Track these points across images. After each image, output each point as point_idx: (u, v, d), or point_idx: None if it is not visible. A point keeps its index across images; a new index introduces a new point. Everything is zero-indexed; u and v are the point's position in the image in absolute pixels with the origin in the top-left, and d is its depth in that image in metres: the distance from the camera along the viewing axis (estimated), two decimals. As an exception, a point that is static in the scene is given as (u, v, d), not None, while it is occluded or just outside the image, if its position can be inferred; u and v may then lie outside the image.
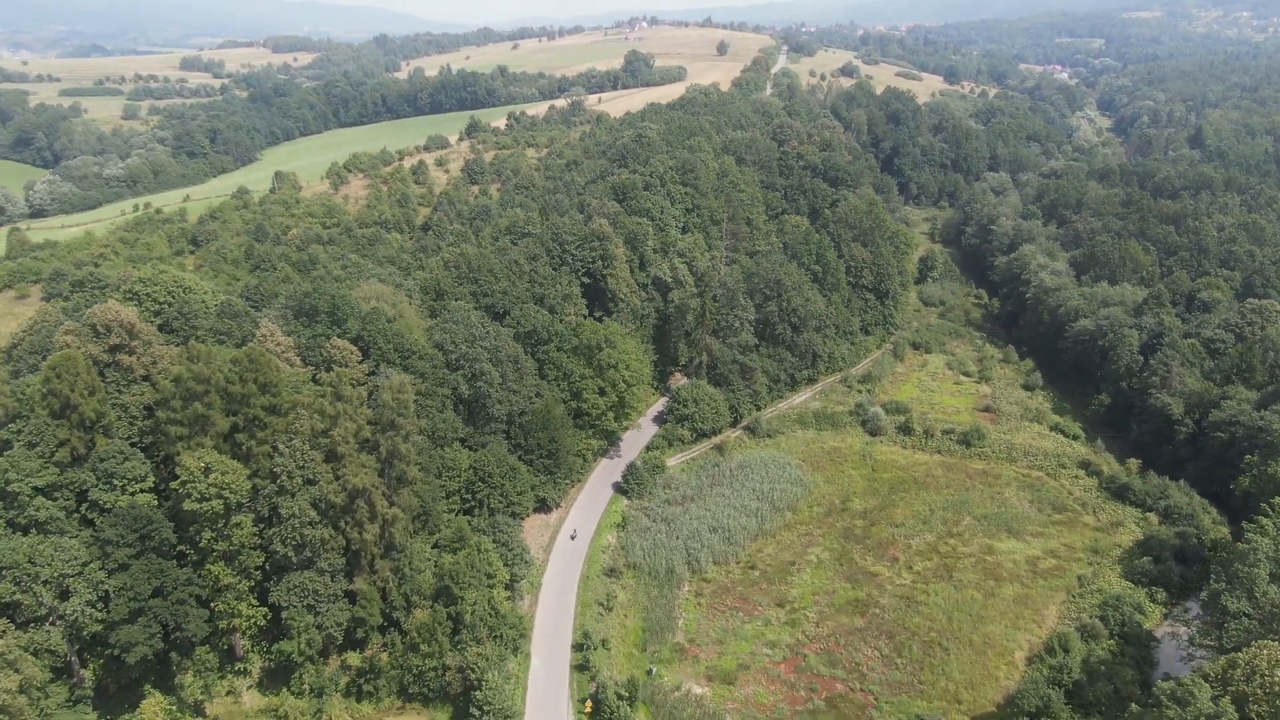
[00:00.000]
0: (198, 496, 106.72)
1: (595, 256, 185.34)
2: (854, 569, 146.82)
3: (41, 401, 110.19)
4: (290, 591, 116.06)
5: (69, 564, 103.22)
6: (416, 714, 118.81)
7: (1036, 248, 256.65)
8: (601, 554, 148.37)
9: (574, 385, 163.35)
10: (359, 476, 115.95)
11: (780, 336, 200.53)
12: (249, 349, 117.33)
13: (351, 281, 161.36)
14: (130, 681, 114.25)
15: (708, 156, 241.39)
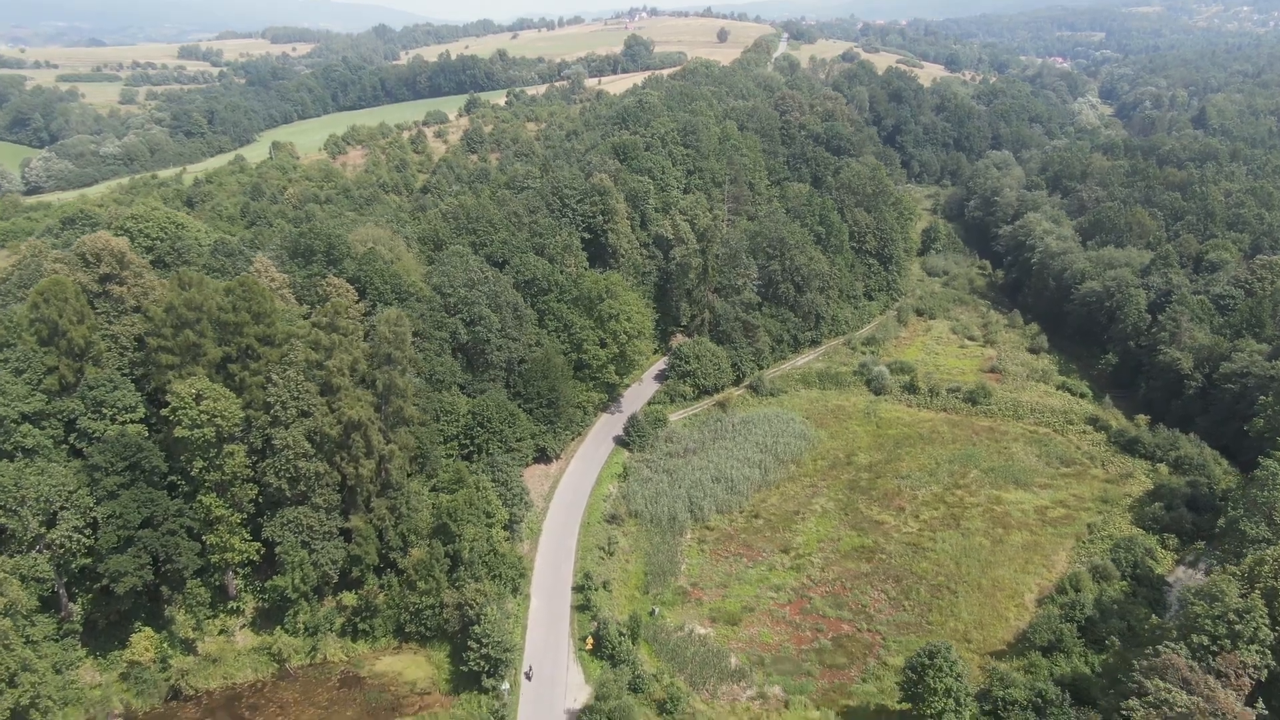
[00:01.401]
0: (189, 423, 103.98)
1: (596, 211, 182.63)
2: (859, 518, 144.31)
3: (29, 327, 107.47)
4: (284, 526, 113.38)
5: (56, 490, 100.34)
6: (413, 653, 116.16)
7: (1041, 215, 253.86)
8: (602, 502, 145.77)
9: (574, 337, 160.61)
10: (355, 409, 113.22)
11: (783, 296, 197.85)
12: (243, 278, 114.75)
13: (348, 229, 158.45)
14: (120, 617, 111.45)
15: (709, 121, 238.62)
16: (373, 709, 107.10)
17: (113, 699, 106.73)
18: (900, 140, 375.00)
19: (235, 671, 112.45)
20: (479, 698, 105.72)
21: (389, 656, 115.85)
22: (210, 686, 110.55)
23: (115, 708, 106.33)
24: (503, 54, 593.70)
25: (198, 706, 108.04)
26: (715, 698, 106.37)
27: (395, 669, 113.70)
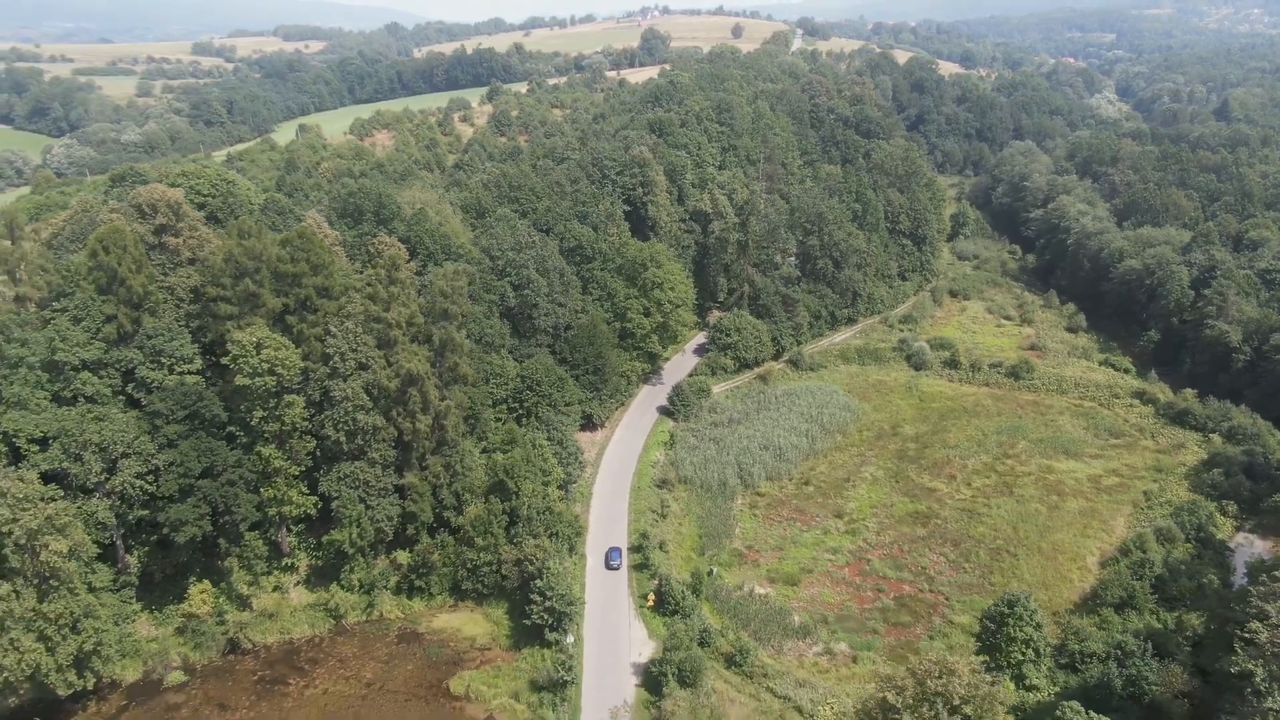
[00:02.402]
0: (249, 371, 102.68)
1: (636, 183, 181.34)
2: (911, 485, 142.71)
3: (88, 276, 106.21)
4: (340, 481, 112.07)
5: (118, 435, 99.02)
6: (470, 611, 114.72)
7: (1074, 198, 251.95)
8: (651, 468, 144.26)
9: (618, 306, 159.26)
10: (413, 362, 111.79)
11: (821, 272, 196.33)
12: (300, 228, 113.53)
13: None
14: (175, 570, 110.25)
15: (742, 100, 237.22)
16: (434, 663, 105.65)
17: (170, 651, 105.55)
18: (923, 130, 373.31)
19: (292, 627, 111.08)
20: (542, 652, 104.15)
21: (445, 614, 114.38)
22: (268, 641, 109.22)
23: (173, 660, 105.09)
24: (519, 47, 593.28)
25: (256, 660, 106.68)
26: (781, 653, 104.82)
27: (453, 625, 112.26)
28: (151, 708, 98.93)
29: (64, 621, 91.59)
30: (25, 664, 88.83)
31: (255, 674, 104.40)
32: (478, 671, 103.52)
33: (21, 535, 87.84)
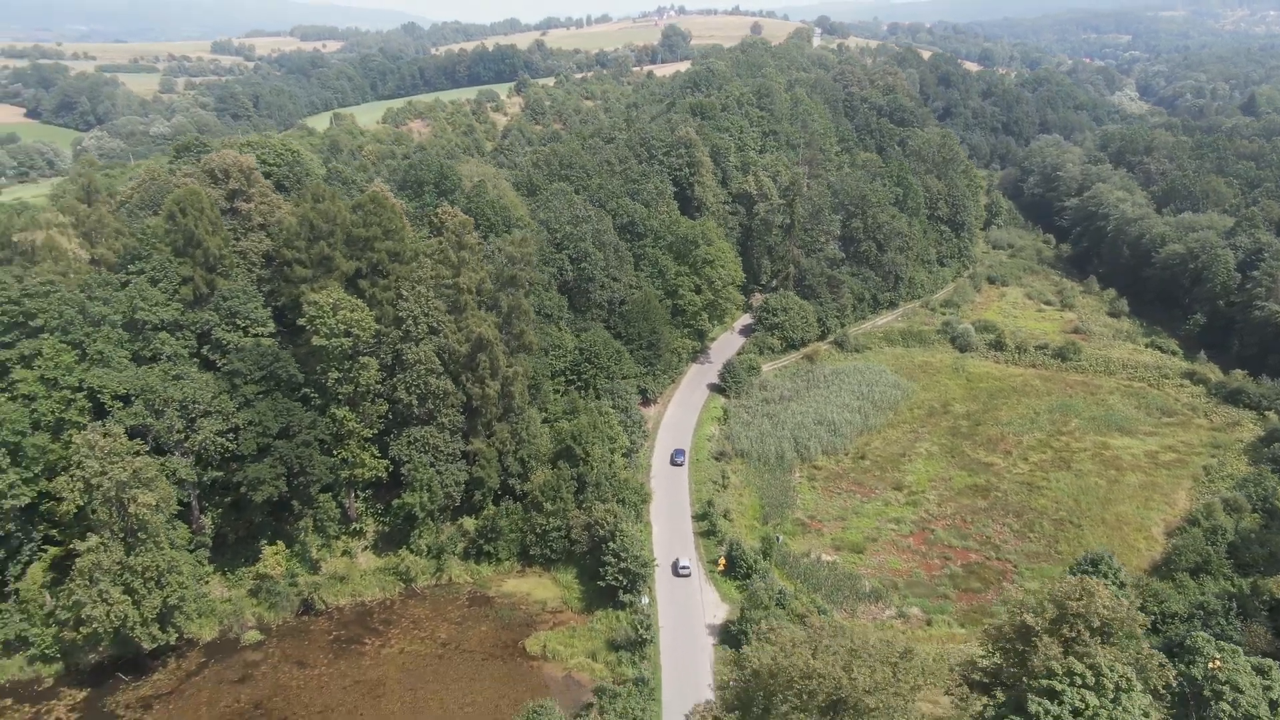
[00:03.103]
0: (326, 332, 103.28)
1: (683, 163, 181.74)
2: (967, 460, 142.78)
3: (165, 238, 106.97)
4: (410, 445, 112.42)
5: (199, 393, 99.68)
6: (538, 576, 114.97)
7: (1111, 186, 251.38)
8: (707, 442, 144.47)
9: (669, 283, 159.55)
10: (482, 327, 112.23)
11: (865, 254, 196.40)
12: (372, 193, 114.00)
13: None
14: (247, 532, 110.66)
15: (779, 86, 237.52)
16: (506, 624, 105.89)
17: (245, 611, 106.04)
18: (950, 123, 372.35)
19: (363, 589, 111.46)
20: (615, 614, 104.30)
21: (514, 579, 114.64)
22: (339, 603, 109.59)
23: (248, 620, 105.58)
24: (540, 44, 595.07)
25: (329, 620, 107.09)
26: (855, 615, 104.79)
27: (522, 590, 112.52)
28: (231, 664, 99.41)
29: (150, 575, 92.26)
30: (114, 615, 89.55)
31: (330, 634, 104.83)
32: (552, 632, 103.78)
33: (111, 488, 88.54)
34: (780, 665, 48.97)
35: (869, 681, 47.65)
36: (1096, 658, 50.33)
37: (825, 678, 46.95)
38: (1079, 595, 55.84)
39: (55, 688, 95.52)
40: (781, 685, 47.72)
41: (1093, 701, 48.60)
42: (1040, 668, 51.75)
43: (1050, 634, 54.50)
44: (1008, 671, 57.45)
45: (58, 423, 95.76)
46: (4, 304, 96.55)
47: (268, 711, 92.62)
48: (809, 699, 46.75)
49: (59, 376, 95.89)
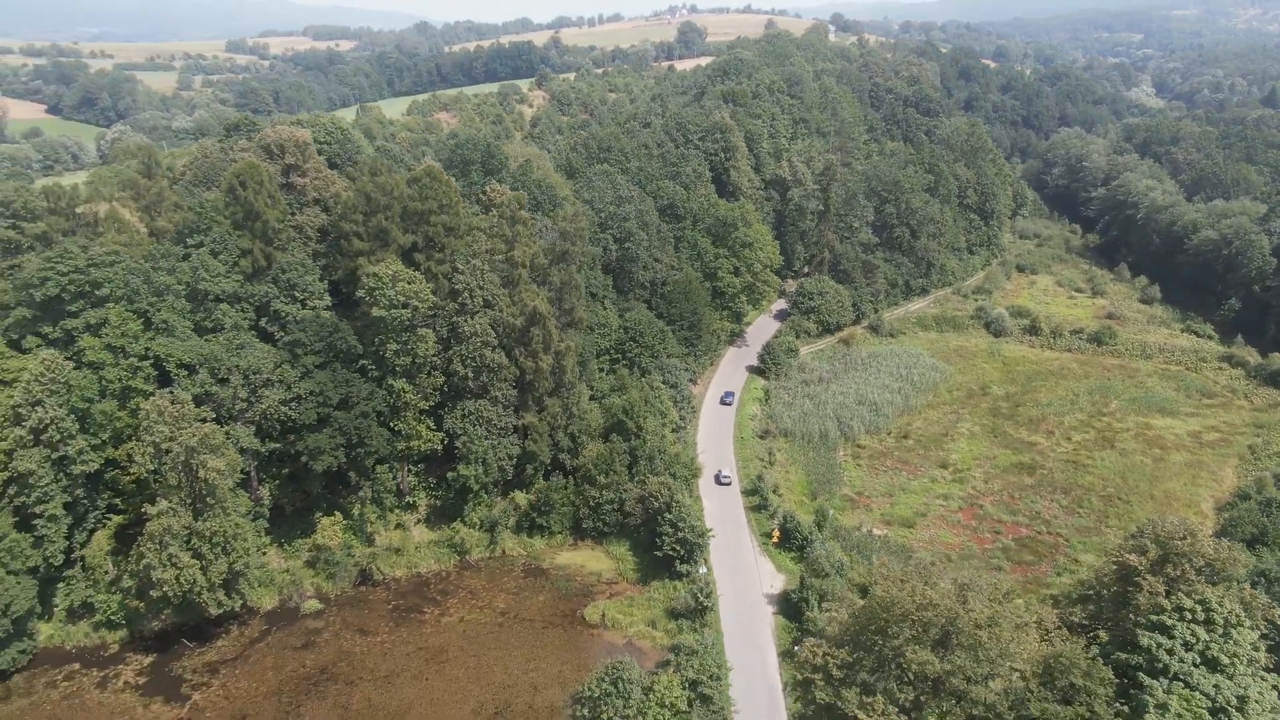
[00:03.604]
0: (386, 304, 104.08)
1: (718, 148, 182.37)
2: (1010, 439, 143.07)
3: (225, 210, 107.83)
4: (465, 418, 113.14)
5: (261, 362, 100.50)
6: (590, 549, 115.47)
7: (1140, 174, 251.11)
8: (750, 421, 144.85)
9: (708, 265, 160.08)
10: (536, 300, 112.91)
11: (898, 240, 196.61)
12: (428, 167, 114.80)
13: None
14: (304, 504, 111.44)
15: (808, 75, 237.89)
16: (563, 595, 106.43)
17: (304, 581, 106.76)
18: (971, 116, 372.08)
19: (418, 561, 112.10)
20: (673, 584, 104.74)
21: (566, 552, 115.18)
22: (396, 574, 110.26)
23: (307, 589, 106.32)
24: (556, 41, 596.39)
25: (387, 590, 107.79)
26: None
27: (576, 562, 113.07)
28: (293, 631, 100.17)
29: (217, 541, 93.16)
30: (183, 580, 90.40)
31: (389, 603, 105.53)
32: (610, 601, 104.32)
33: (180, 453, 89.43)
34: (895, 597, 49.44)
35: (982, 614, 48.09)
36: (1205, 594, 50.79)
37: (940, 608, 47.40)
38: (1183, 535, 56.22)
39: (121, 653, 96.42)
40: (896, 618, 48.20)
41: (1203, 636, 48.95)
42: (1146, 605, 52.13)
43: (1154, 574, 54.89)
44: (1108, 614, 57.87)
45: (124, 390, 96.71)
46: (71, 273, 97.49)
47: (333, 676, 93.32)
48: (924, 630, 47.20)
49: (125, 344, 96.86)
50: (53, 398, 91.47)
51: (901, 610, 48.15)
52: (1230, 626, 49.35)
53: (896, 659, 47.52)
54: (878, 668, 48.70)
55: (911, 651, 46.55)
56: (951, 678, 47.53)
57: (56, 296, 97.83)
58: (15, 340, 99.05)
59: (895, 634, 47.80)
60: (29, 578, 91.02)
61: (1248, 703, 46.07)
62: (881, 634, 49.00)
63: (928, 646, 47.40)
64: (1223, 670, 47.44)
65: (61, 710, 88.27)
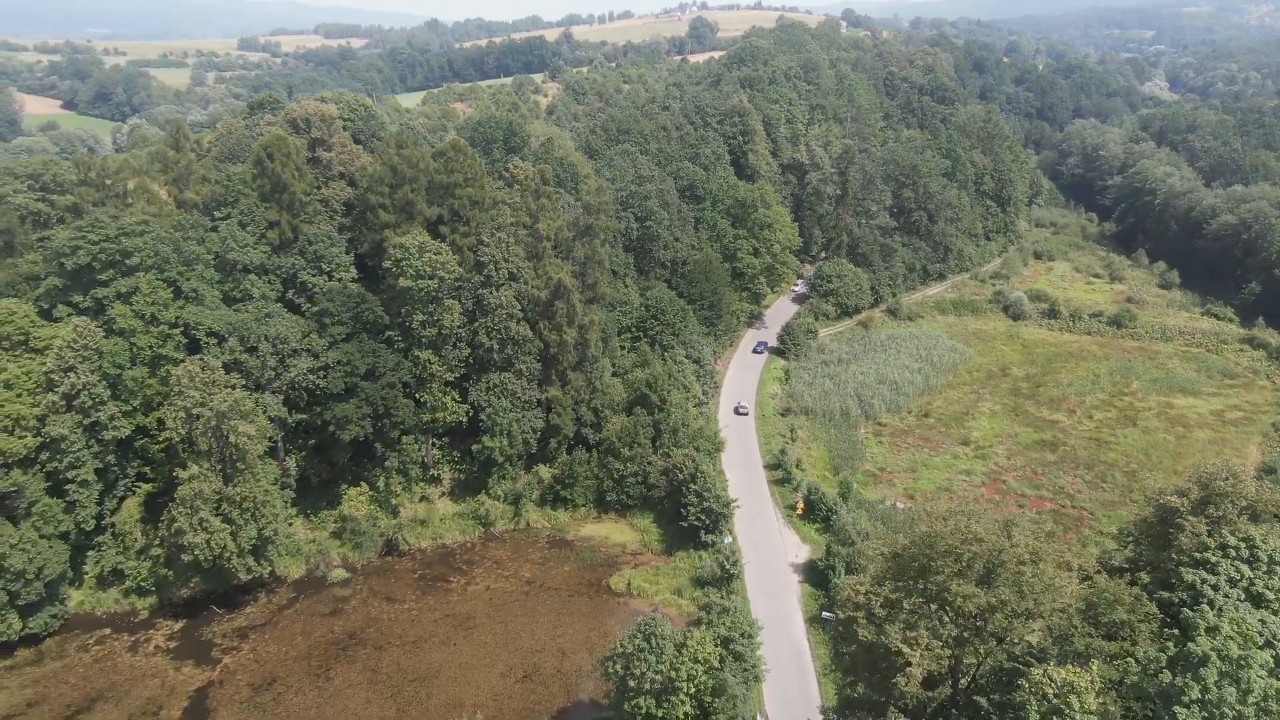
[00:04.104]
0: (413, 274, 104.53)
1: (736, 131, 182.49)
2: (1031, 418, 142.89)
3: (252, 183, 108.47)
4: (489, 391, 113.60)
5: (290, 331, 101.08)
6: (614, 521, 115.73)
7: (1157, 161, 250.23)
8: (770, 399, 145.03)
9: (727, 246, 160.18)
10: (561, 273, 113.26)
11: (916, 224, 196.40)
12: (453, 140, 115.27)
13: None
14: (330, 475, 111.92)
15: (824, 62, 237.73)
16: (588, 565, 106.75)
17: (331, 551, 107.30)
18: (987, 105, 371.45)
19: (443, 532, 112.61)
20: (698, 554, 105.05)
21: (590, 524, 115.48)
22: (421, 545, 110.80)
23: (334, 559, 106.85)
24: (568, 36, 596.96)
25: (413, 560, 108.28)
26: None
27: (600, 534, 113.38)
28: (321, 599, 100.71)
29: (247, 506, 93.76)
30: (213, 544, 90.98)
31: (415, 572, 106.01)
32: (635, 571, 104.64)
33: (211, 418, 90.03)
34: (938, 532, 49.52)
35: (1026, 550, 48.18)
36: (1249, 532, 50.76)
37: (985, 543, 47.48)
38: (1225, 476, 56.20)
39: (151, 619, 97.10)
40: (939, 553, 48.27)
41: (1247, 572, 48.95)
42: (1189, 545, 52.11)
43: (1195, 515, 54.85)
44: (1148, 557, 57.87)
45: (155, 358, 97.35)
46: (102, 242, 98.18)
47: (362, 641, 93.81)
48: (968, 566, 47.27)
49: (156, 312, 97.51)
50: (85, 364, 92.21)
51: (945, 545, 48.24)
52: (1275, 564, 49.35)
53: (940, 594, 47.60)
54: (921, 604, 48.78)
55: (956, 585, 46.63)
56: (995, 614, 47.61)
57: (87, 265, 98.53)
58: (46, 310, 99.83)
59: (938, 569, 47.88)
60: (61, 542, 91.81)
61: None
62: (924, 571, 49.09)
63: (971, 582, 47.47)
64: (1268, 605, 47.47)
65: (94, 672, 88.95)
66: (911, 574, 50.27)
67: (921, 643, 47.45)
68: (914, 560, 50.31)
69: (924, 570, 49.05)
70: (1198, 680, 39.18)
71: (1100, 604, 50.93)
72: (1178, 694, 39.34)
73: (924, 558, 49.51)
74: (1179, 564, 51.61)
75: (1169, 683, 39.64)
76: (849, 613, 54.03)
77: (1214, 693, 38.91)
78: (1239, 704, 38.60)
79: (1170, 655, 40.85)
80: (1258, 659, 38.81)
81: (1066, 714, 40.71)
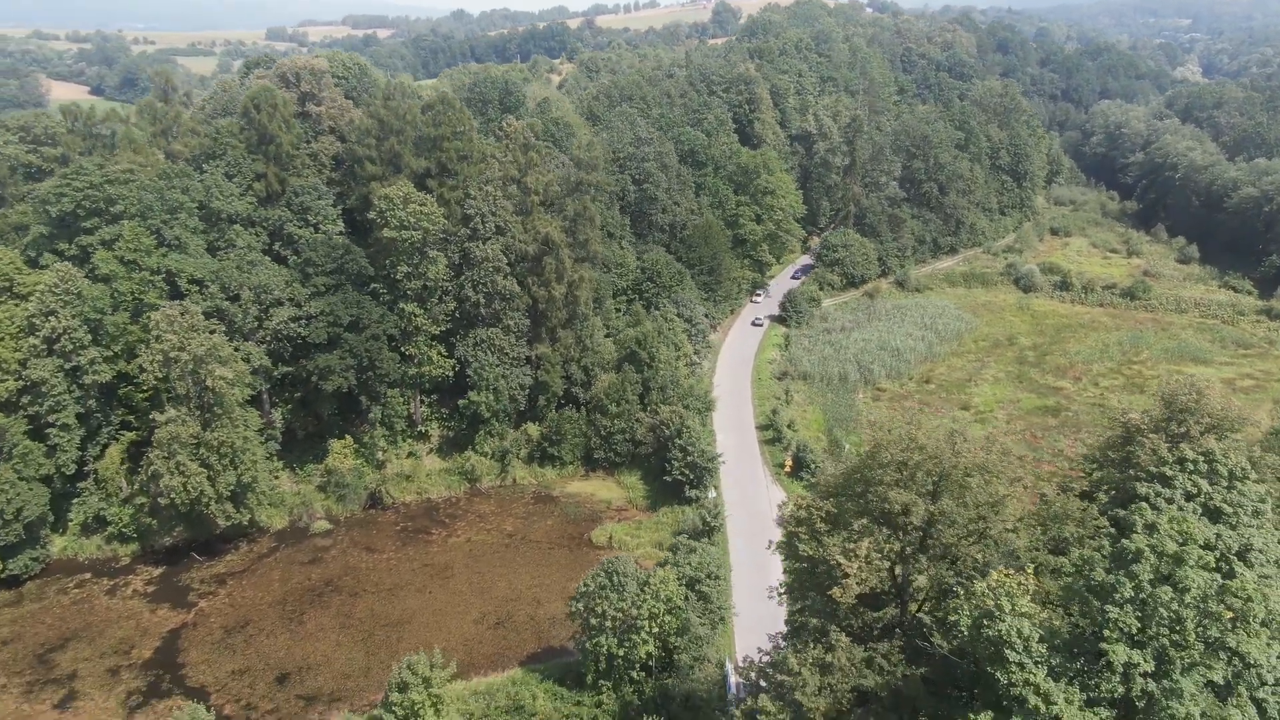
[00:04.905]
0: (397, 224, 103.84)
1: (742, 100, 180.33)
2: (1035, 385, 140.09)
3: (239, 134, 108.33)
4: (476, 346, 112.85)
5: (273, 279, 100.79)
6: (602, 479, 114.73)
7: (1180, 136, 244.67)
8: (769, 365, 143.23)
9: (729, 213, 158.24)
10: (549, 227, 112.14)
11: (926, 196, 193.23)
12: (441, 93, 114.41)
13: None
14: (316, 428, 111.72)
15: (837, 35, 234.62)
16: (572, 520, 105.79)
17: (314, 503, 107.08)
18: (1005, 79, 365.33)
19: (428, 487, 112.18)
20: (681, 509, 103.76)
21: (577, 482, 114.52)
22: (406, 499, 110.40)
23: (317, 511, 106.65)
24: (591, 23, 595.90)
25: (396, 514, 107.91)
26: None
27: (586, 490, 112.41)
28: (301, 548, 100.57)
29: (225, 451, 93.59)
30: (190, 487, 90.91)
31: (397, 525, 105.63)
32: (618, 525, 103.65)
33: (189, 361, 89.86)
34: (882, 443, 47.92)
35: (972, 461, 46.44)
36: (1209, 446, 48.59)
37: (928, 451, 45.76)
38: (1188, 391, 54.05)
39: (131, 565, 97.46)
40: (882, 464, 46.64)
41: (1205, 487, 46.80)
42: (1146, 461, 50.04)
43: (1158, 431, 52.77)
44: (1112, 481, 55.86)
45: (136, 304, 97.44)
46: (86, 189, 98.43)
47: (338, 588, 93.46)
48: (910, 476, 45.55)
49: (138, 258, 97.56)
50: (66, 308, 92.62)
51: (888, 456, 46.64)
52: (1235, 479, 47.15)
53: (881, 507, 45.99)
54: (868, 525, 47.17)
55: (894, 494, 45.01)
56: (938, 526, 45.94)
57: (71, 213, 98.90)
58: (33, 258, 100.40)
59: (878, 479, 46.27)
60: (41, 485, 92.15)
61: (1250, 551, 43.96)
62: (867, 483, 47.51)
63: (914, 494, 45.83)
64: (1225, 520, 45.30)
65: (70, 614, 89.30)
66: (856, 489, 48.68)
67: (860, 553, 45.87)
68: (859, 475, 48.74)
69: (867, 483, 47.46)
70: (1130, 577, 37.25)
71: (1048, 518, 49.08)
72: (1109, 592, 37.46)
73: (868, 470, 47.95)
74: (1136, 479, 49.52)
75: (1100, 580, 37.74)
76: (790, 528, 52.54)
77: (1148, 590, 36.99)
78: (1175, 604, 36.65)
79: (1106, 554, 38.99)
80: (1193, 555, 36.78)
81: (998, 616, 38.99)
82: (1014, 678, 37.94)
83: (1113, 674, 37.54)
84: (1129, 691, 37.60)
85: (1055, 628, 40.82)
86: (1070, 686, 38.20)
